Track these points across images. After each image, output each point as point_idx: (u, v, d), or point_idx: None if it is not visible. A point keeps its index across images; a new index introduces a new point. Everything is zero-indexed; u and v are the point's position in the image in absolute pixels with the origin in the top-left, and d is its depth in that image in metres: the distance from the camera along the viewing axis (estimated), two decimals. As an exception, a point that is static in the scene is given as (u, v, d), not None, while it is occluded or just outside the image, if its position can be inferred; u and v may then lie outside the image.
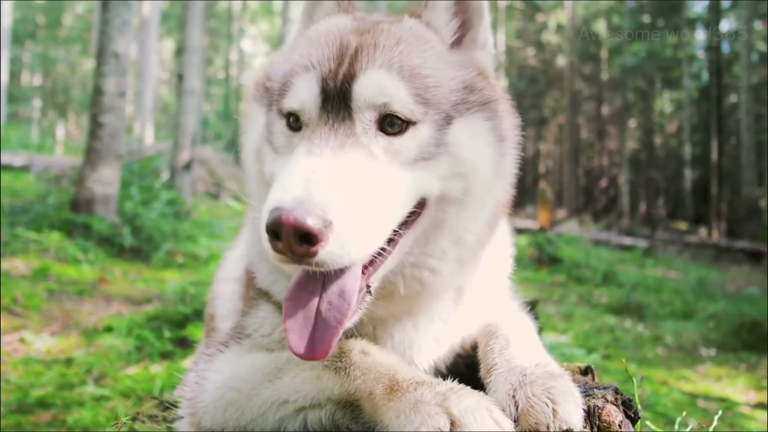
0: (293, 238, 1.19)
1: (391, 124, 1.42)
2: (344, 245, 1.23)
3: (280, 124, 1.52)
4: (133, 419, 2.16)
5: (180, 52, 15.90)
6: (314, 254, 1.21)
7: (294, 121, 1.48)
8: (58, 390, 4.70)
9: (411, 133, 1.42)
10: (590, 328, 9.70)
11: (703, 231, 34.74)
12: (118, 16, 9.33)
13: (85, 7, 45.70)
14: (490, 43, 1.66)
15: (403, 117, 1.41)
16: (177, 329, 5.86)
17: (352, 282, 1.35)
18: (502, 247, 1.85)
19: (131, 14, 9.77)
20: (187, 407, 1.69)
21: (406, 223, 1.45)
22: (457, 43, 1.63)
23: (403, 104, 1.41)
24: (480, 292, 1.75)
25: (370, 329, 1.63)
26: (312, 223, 1.17)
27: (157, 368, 5.16)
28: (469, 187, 1.49)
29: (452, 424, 1.22)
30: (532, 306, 2.09)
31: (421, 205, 1.47)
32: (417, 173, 1.43)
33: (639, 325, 10.51)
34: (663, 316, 11.35)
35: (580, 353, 6.53)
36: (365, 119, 1.41)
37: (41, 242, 8.54)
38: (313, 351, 1.30)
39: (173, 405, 1.95)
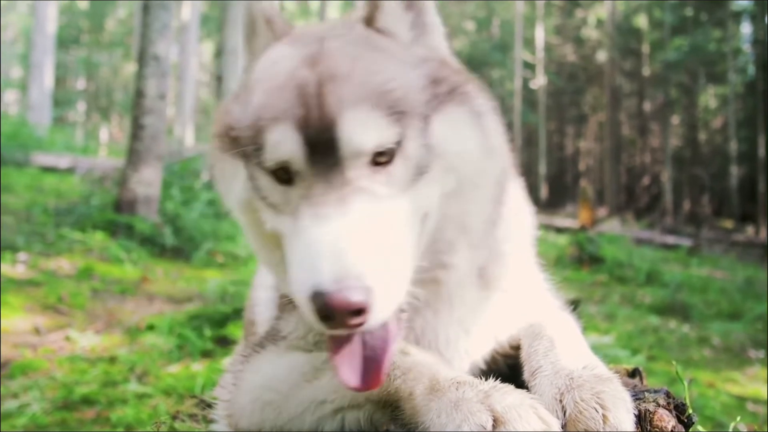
0: (347, 317, 1.18)
1: (380, 153, 1.32)
2: (386, 304, 1.23)
3: (266, 180, 1.41)
4: (173, 418, 2.17)
5: (219, 53, 16.09)
6: (365, 322, 1.20)
7: (283, 174, 1.37)
8: (102, 387, 4.76)
9: (400, 154, 1.34)
10: (633, 328, 9.49)
11: (750, 229, 33.82)
12: (158, 19, 9.48)
13: (126, 12, 46.69)
14: (437, 22, 1.58)
15: (391, 145, 1.32)
16: (217, 328, 5.91)
17: None
18: (518, 211, 1.76)
19: (171, 17, 9.92)
20: (223, 408, 1.68)
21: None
22: (415, 36, 1.54)
23: (388, 134, 1.31)
24: (506, 267, 1.68)
25: None
26: (358, 298, 1.16)
27: (198, 366, 5.21)
28: (461, 177, 1.44)
29: (495, 421, 1.17)
30: (575, 306, 2.03)
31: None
32: (419, 191, 1.36)
33: (684, 325, 10.26)
34: (709, 316, 11.05)
35: (623, 354, 6.39)
36: (358, 163, 1.31)
37: (86, 242, 8.72)
38: (367, 382, 1.28)
39: (212, 404, 1.95)
